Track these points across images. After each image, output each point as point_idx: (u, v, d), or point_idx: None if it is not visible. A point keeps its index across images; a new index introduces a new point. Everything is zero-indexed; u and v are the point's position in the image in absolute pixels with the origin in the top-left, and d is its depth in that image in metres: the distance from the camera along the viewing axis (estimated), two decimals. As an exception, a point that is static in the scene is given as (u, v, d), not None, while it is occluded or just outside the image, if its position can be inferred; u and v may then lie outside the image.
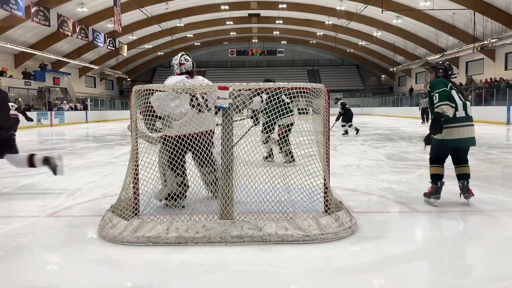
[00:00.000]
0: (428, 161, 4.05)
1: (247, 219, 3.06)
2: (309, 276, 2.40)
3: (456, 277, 2.38)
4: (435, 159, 3.96)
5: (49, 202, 4.26)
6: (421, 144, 9.72)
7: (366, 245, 2.88)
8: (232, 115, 3.18)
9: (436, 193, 3.89)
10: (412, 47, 32.79)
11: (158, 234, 2.91)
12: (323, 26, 34.18)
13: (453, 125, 3.73)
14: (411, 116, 27.03)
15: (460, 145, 3.82)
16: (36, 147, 10.41)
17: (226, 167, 3.14)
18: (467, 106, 3.82)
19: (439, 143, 3.84)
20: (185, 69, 3.87)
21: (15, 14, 19.01)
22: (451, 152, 3.95)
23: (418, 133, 13.80)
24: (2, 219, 3.63)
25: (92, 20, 26.96)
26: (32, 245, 2.98)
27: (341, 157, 7.62)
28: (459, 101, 3.79)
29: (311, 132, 3.44)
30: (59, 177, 5.59)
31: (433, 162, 3.99)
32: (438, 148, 3.90)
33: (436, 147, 3.92)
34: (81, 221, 3.60)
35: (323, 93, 3.33)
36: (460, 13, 23.54)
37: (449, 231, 3.17)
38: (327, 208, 3.34)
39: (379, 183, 5.03)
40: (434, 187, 3.93)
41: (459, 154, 3.95)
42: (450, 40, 27.24)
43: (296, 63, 48.02)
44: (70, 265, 2.63)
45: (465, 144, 3.84)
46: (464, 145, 3.85)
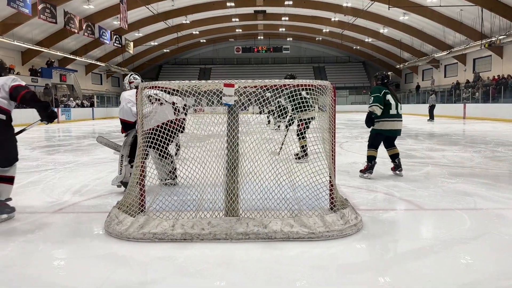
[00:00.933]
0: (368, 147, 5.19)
1: (252, 216, 3.07)
2: (314, 273, 2.40)
3: (462, 274, 2.37)
4: (372, 145, 5.14)
5: (56, 198, 4.29)
6: (428, 142, 9.67)
7: (371, 243, 2.87)
8: (237, 112, 3.19)
9: (370, 169, 5.12)
10: (419, 44, 32.56)
11: (164, 230, 2.93)
12: (329, 23, 34.03)
13: (387, 119, 4.98)
14: (418, 114, 26.91)
15: (391, 134, 5.10)
16: (43, 144, 10.48)
17: (231, 164, 3.14)
18: (398, 106, 5.04)
19: (376, 132, 5.07)
20: (134, 86, 4.82)
21: (22, 11, 19.10)
22: (384, 139, 5.14)
23: (425, 130, 13.72)
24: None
25: (99, 17, 27.02)
26: (39, 241, 3.00)
27: (347, 154, 7.61)
28: (393, 103, 4.99)
29: (317, 130, 3.44)
30: (66, 174, 5.63)
31: (370, 147, 5.16)
32: (375, 136, 5.10)
33: (373, 136, 5.12)
34: (88, 218, 3.63)
35: (329, 90, 3.32)
36: (468, 10, 23.32)
37: (455, 229, 3.16)
38: (333, 205, 3.33)
39: (385, 180, 5.02)
40: (369, 165, 5.14)
41: (389, 140, 5.18)
42: (457, 36, 27.00)
43: (302, 60, 47.85)
44: (76, 261, 2.65)
45: (395, 133, 5.12)
46: (394, 134, 5.12)
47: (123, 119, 4.56)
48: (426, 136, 11.49)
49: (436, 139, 10.45)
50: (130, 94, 4.62)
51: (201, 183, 3.34)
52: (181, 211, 3.20)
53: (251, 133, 3.50)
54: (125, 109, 4.54)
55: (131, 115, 4.48)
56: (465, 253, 2.68)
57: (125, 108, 4.54)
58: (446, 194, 4.27)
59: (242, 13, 34.68)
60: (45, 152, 8.42)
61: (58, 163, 6.80)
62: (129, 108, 4.50)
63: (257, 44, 45.52)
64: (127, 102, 4.54)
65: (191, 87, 3.30)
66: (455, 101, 25.29)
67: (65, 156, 7.83)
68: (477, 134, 11.94)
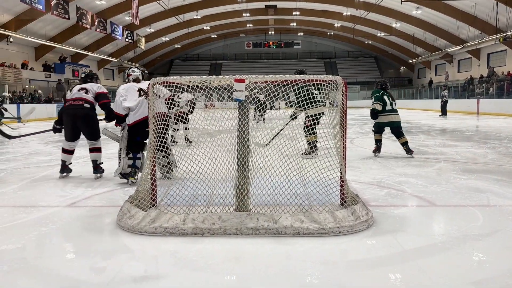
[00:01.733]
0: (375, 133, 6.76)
1: (262, 212, 3.07)
2: (324, 269, 2.40)
3: (474, 272, 2.35)
4: (377, 132, 6.69)
5: (69, 192, 4.35)
6: (440, 137, 9.56)
7: (382, 239, 2.86)
8: (248, 108, 3.19)
9: (378, 149, 6.70)
10: (432, 38, 32.14)
11: (175, 225, 2.95)
12: (341, 17, 33.75)
13: (384, 114, 6.53)
14: (431, 109, 26.59)
15: (390, 125, 6.54)
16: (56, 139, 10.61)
17: (242, 160, 3.15)
18: (393, 104, 6.56)
19: (378, 124, 6.64)
20: (132, 79, 4.91)
21: (35, 7, 19.31)
22: (391, 131, 6.63)
23: (437, 126, 13.57)
24: (24, 208, 3.73)
25: (110, 12, 27.18)
26: (52, 234, 3.05)
27: (358, 150, 7.56)
28: (388, 101, 6.52)
29: (328, 125, 3.42)
30: (78, 168, 5.70)
31: (376, 133, 6.73)
32: (378, 126, 6.66)
33: (377, 125, 6.68)
34: (100, 211, 3.67)
35: (340, 85, 3.30)
36: (482, 3, 22.93)
37: (467, 225, 3.13)
38: (343, 201, 3.32)
39: (397, 176, 4.98)
40: (376, 146, 6.71)
41: (393, 130, 6.60)
42: (471, 31, 26.58)
43: (313, 55, 47.58)
44: (88, 254, 2.68)
45: (393, 124, 6.53)
46: (392, 125, 6.54)
47: (116, 112, 4.76)
48: (439, 132, 11.37)
49: (449, 135, 10.33)
50: (125, 87, 4.79)
51: (212, 178, 3.36)
52: (192, 205, 3.22)
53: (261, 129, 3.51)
54: (117, 103, 4.71)
55: (121, 109, 4.67)
56: (478, 250, 2.65)
57: (117, 101, 4.71)
58: (458, 190, 4.23)
59: (253, 8, 34.58)
60: (58, 147, 8.49)
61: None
62: (121, 102, 4.67)
63: (268, 39, 45.36)
64: (120, 96, 4.71)
65: (202, 82, 3.30)
66: (469, 97, 24.94)
67: (77, 150, 7.89)
68: (491, 130, 11.78)
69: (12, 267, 2.46)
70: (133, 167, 4.68)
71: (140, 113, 4.61)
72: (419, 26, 30.62)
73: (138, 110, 4.62)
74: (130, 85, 4.81)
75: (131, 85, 4.81)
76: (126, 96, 4.70)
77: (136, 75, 4.92)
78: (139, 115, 4.62)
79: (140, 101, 4.64)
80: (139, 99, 4.65)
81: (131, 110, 4.65)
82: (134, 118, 4.64)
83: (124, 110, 4.67)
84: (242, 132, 3.16)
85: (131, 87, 4.76)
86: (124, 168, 4.65)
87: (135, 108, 4.63)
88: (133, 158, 4.67)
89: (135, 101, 4.66)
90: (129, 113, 4.67)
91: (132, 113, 4.65)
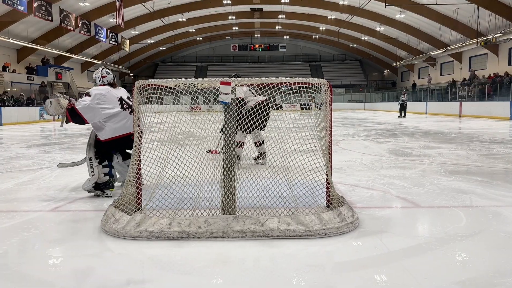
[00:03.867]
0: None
1: (249, 214, 3.07)
2: (311, 271, 2.40)
3: (458, 272, 2.38)
4: None
5: (52, 197, 4.28)
6: (424, 139, 9.71)
7: (368, 240, 2.88)
8: (234, 110, 3.18)
9: None
10: (415, 42, 32.64)
11: (161, 228, 2.92)
12: (326, 21, 34.05)
13: None
14: (414, 111, 26.98)
15: None
16: (39, 142, 10.44)
17: (228, 163, 3.14)
18: None
19: None
20: (107, 81, 4.28)
21: (17, 8, 19.00)
22: None
23: (421, 128, 13.77)
24: (6, 213, 3.65)
25: (95, 14, 26.92)
26: (35, 240, 2.99)
27: (343, 152, 7.62)
28: None
29: (313, 127, 3.44)
30: (62, 172, 5.62)
31: None
32: None
33: None
34: (84, 216, 3.62)
35: (325, 88, 3.32)
36: (464, 8, 23.39)
37: (451, 226, 3.17)
38: (329, 203, 3.34)
39: (381, 178, 5.03)
40: None
41: None
42: (453, 35, 27.08)
43: (298, 58, 47.87)
44: (72, 260, 2.64)
45: None
46: None
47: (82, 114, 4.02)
48: (422, 134, 11.52)
49: (432, 137, 10.49)
50: (102, 92, 4.12)
51: (198, 181, 3.34)
52: (178, 209, 3.20)
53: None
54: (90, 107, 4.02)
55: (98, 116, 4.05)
56: (461, 251, 2.69)
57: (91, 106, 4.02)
58: (442, 191, 4.29)
59: (238, 11, 34.65)
60: (41, 150, 8.38)
61: (54, 161, 6.76)
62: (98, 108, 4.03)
63: (253, 42, 45.51)
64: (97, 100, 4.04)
65: (188, 85, 3.29)
66: (451, 99, 25.39)
67: (60, 154, 7.80)
68: (473, 132, 11.99)
69: (-7, 274, 2.41)
70: (110, 176, 4.21)
71: (124, 127, 4.13)
72: (402, 29, 31.08)
73: (120, 123, 4.12)
74: (108, 89, 4.21)
75: (109, 90, 4.21)
76: (104, 103, 4.07)
77: (111, 77, 4.34)
78: (123, 130, 4.13)
79: (121, 113, 4.15)
80: (122, 111, 4.15)
81: (109, 121, 4.10)
82: (115, 133, 4.11)
83: (100, 117, 4.06)
84: (228, 135, 3.15)
85: (110, 93, 4.17)
86: (100, 177, 4.09)
87: (118, 120, 4.11)
88: (108, 166, 4.21)
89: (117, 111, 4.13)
90: (105, 124, 4.10)
91: (110, 124, 4.10)
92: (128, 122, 4.17)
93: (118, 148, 4.27)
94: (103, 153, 4.16)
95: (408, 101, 23.77)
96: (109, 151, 4.24)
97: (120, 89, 4.40)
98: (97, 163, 4.12)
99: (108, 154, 4.24)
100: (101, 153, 4.15)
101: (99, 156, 4.15)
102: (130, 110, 4.18)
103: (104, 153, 4.17)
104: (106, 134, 4.10)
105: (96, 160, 4.12)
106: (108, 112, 4.07)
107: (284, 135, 3.42)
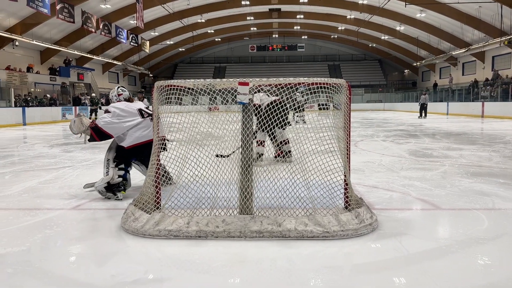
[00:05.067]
0: None
1: (266, 215, 3.07)
2: (328, 273, 2.39)
3: (479, 276, 2.34)
4: None
5: (73, 195, 4.36)
6: (445, 140, 9.53)
7: (387, 243, 2.85)
8: (252, 111, 3.19)
9: None
10: (436, 41, 32.09)
11: (179, 227, 2.95)
12: (345, 21, 33.78)
13: None
14: (435, 112, 26.52)
15: None
16: (61, 142, 10.66)
17: (246, 163, 3.15)
18: None
19: None
20: (123, 99, 4.49)
21: (41, 11, 19.44)
22: None
23: (442, 129, 13.53)
24: (29, 211, 3.74)
25: (115, 16, 27.35)
26: (57, 237, 3.06)
27: (362, 153, 7.55)
28: None
29: (332, 128, 3.42)
30: (83, 171, 5.72)
31: None
32: None
33: None
34: (105, 214, 3.68)
35: (344, 88, 3.30)
36: (487, 6, 22.88)
37: (472, 229, 3.11)
38: (348, 204, 3.31)
39: (401, 179, 4.96)
40: None
41: None
42: (476, 34, 26.52)
43: (316, 58, 47.62)
44: (93, 257, 2.69)
45: None
46: None
47: (107, 131, 4.16)
48: (443, 134, 11.33)
49: (454, 138, 10.30)
50: (120, 107, 4.26)
51: (216, 181, 3.36)
52: (196, 208, 3.22)
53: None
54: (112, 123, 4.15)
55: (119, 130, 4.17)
56: (483, 254, 2.64)
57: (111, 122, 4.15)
58: (463, 193, 4.21)
59: (257, 12, 34.68)
60: (63, 150, 8.55)
61: (76, 161, 6.90)
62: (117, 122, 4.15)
63: (271, 42, 45.49)
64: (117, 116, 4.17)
65: (206, 85, 3.31)
66: (473, 99, 24.87)
67: (82, 153, 7.95)
68: (496, 133, 11.72)
69: (17, 270, 2.47)
70: (124, 179, 4.24)
71: (147, 135, 4.18)
72: (423, 29, 30.58)
73: (142, 131, 4.20)
74: (126, 104, 4.36)
75: (127, 104, 4.36)
76: (124, 117, 4.20)
77: (127, 94, 4.55)
78: (145, 137, 4.19)
79: (142, 122, 4.24)
80: (142, 120, 4.25)
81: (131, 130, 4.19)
82: (138, 140, 4.19)
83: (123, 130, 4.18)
84: (246, 135, 3.16)
85: (128, 107, 4.30)
86: (113, 178, 4.14)
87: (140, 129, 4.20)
88: (124, 170, 4.26)
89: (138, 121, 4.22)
90: (127, 133, 4.20)
91: (132, 133, 4.19)
92: (149, 130, 4.21)
93: (140, 155, 4.30)
94: (122, 158, 4.23)
95: (429, 101, 23.29)
96: (130, 157, 4.31)
97: (137, 102, 4.51)
98: (114, 165, 4.20)
99: (127, 160, 4.31)
100: (120, 157, 4.23)
101: (117, 159, 4.22)
102: (150, 118, 4.22)
103: (123, 158, 4.24)
104: (129, 142, 4.18)
105: (113, 162, 4.21)
106: (130, 124, 4.18)
107: (302, 135, 3.41)
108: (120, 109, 4.22)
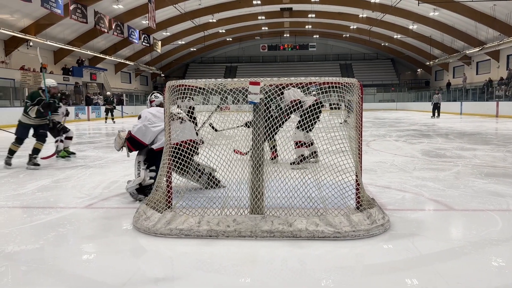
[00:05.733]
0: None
1: (277, 214, 3.07)
2: (340, 273, 2.38)
3: (493, 278, 2.30)
4: None
5: (86, 194, 4.41)
6: (458, 140, 9.42)
7: (399, 243, 2.82)
8: (263, 111, 3.19)
9: None
10: (449, 40, 31.70)
11: (190, 226, 2.96)
12: (357, 19, 33.56)
13: None
14: (449, 112, 26.21)
15: None
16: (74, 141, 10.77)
17: (256, 163, 3.15)
18: None
19: None
20: (156, 104, 4.74)
21: (55, 12, 19.69)
22: None
23: (455, 129, 13.37)
24: (42, 209, 3.79)
25: (127, 16, 27.56)
26: (70, 235, 3.10)
27: (374, 153, 7.49)
28: None
29: (343, 128, 3.40)
30: (96, 170, 5.78)
31: None
32: None
33: None
34: (117, 213, 3.71)
35: (356, 88, 3.27)
36: (502, 4, 22.52)
37: (486, 230, 3.07)
38: (359, 205, 3.29)
39: (414, 180, 4.92)
40: None
41: None
42: (490, 32, 26.12)
43: (328, 58, 47.40)
44: (105, 255, 2.72)
45: None
46: None
47: (140, 139, 4.23)
48: (457, 134, 11.19)
49: (467, 138, 10.17)
50: (152, 112, 4.36)
51: (227, 180, 3.36)
52: (207, 208, 3.23)
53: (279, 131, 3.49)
54: (142, 130, 4.23)
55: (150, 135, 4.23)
56: (497, 256, 2.60)
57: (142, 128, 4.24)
58: (477, 194, 4.15)
59: (268, 11, 34.65)
60: (76, 149, 8.64)
61: (89, 160, 6.98)
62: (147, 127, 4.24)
63: (283, 41, 45.40)
64: (147, 121, 4.26)
65: (217, 85, 3.32)
66: (488, 99, 24.51)
67: (95, 152, 8.03)
68: (511, 133, 11.54)
69: (31, 267, 2.51)
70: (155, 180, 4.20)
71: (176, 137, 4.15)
72: (436, 27, 30.23)
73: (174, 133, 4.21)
74: (156, 109, 4.47)
75: (158, 109, 4.45)
76: (154, 122, 4.27)
77: (159, 100, 4.74)
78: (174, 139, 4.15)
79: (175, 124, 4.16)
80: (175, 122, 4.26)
81: (160, 134, 4.23)
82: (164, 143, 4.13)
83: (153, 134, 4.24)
84: (256, 134, 3.16)
85: (159, 112, 4.35)
86: (145, 180, 4.17)
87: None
88: (155, 171, 4.21)
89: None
90: (157, 137, 4.26)
91: (162, 137, 4.18)
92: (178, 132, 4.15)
93: None
94: (152, 160, 4.25)
95: (442, 101, 23.04)
96: (159, 159, 4.18)
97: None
98: (144, 167, 4.25)
99: (158, 162, 4.18)
100: (150, 159, 4.27)
101: (148, 161, 4.26)
102: (180, 121, 4.23)
103: (153, 159, 4.24)
104: (158, 144, 4.21)
105: (144, 164, 4.26)
106: (159, 128, 4.23)
107: (314, 135, 3.40)
108: (150, 114, 4.33)
